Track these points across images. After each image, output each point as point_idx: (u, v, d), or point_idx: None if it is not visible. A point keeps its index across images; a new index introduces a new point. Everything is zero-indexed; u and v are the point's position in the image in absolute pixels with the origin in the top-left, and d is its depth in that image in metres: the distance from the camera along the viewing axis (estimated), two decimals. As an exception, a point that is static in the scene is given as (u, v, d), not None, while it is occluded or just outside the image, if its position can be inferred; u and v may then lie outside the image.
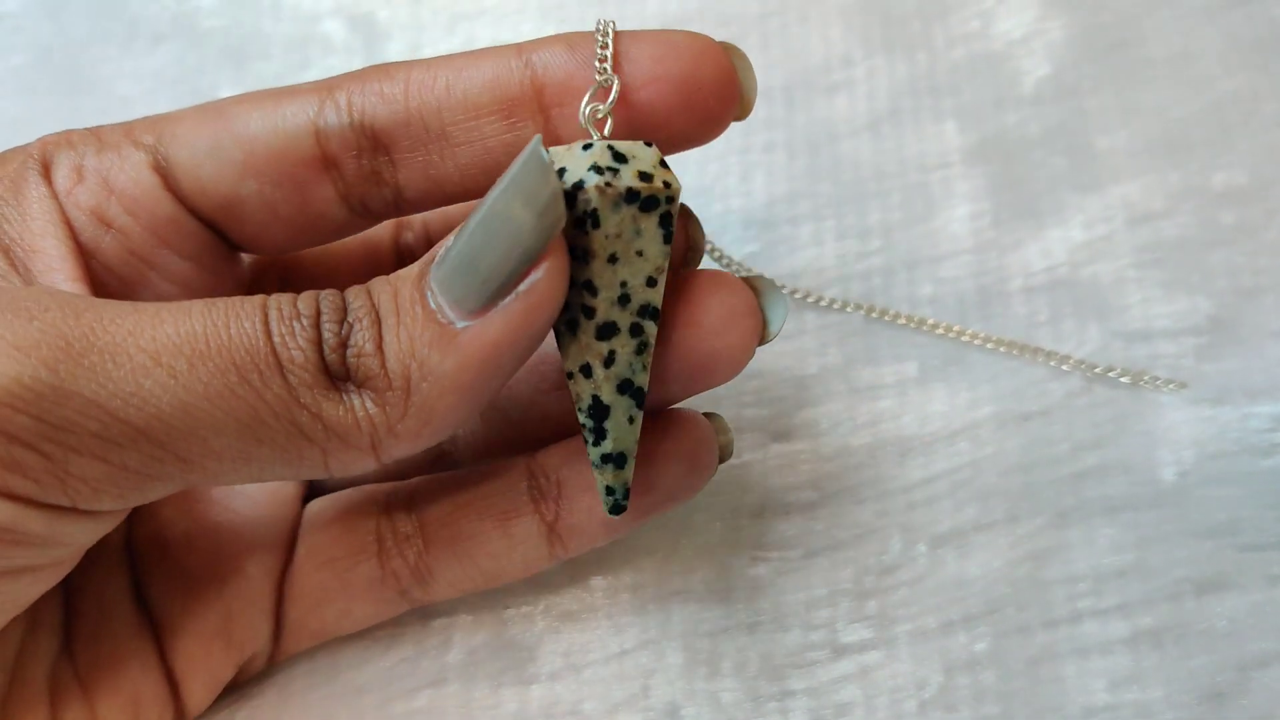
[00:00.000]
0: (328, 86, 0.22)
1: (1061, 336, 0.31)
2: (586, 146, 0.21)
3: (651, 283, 0.21)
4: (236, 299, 0.20)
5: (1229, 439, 0.29)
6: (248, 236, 0.24)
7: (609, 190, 0.20)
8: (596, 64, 0.22)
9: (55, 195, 0.22)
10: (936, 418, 0.30)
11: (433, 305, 0.19)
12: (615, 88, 0.22)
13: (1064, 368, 0.30)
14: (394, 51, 0.36)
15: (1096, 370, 0.30)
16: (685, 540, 0.28)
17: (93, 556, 0.23)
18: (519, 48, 0.22)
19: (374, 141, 0.22)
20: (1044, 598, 0.27)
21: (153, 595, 0.24)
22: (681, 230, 0.23)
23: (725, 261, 0.31)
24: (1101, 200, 0.32)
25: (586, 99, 0.22)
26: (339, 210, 0.23)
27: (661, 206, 0.21)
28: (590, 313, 0.21)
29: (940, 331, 0.31)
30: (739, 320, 0.22)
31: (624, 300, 0.21)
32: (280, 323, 0.19)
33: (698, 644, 0.27)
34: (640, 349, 0.22)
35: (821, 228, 0.32)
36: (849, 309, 0.31)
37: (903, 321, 0.31)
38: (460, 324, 0.19)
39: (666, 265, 0.22)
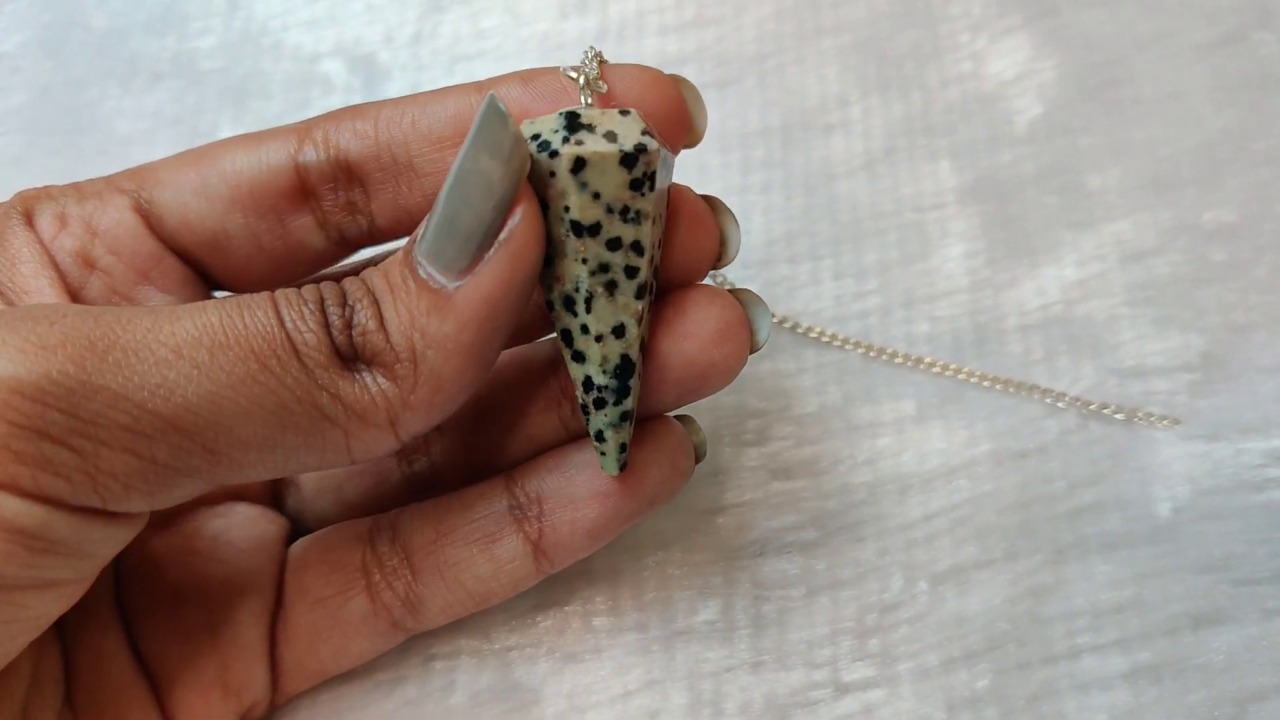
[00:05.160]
0: (305, 126, 0.24)
1: (1057, 374, 0.31)
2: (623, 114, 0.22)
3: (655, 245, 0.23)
4: (245, 295, 0.20)
5: (1223, 474, 0.29)
6: (231, 271, 0.25)
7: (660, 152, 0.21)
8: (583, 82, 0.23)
9: (40, 241, 0.23)
10: (935, 455, 0.30)
11: (423, 275, 0.20)
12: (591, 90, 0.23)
13: (1059, 405, 0.30)
14: (394, 92, 0.36)
15: (1091, 407, 0.30)
16: (687, 580, 0.28)
17: (87, 609, 0.23)
18: (478, 85, 0.23)
19: (349, 174, 0.24)
20: (1043, 634, 0.27)
21: (147, 649, 0.24)
22: (714, 224, 0.24)
23: (720, 281, 0.32)
24: (1094, 238, 0.33)
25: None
26: (318, 239, 0.24)
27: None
28: (634, 272, 0.22)
29: (937, 370, 0.31)
30: (733, 332, 0.23)
31: (651, 260, 0.22)
32: (289, 309, 0.20)
33: (701, 684, 0.27)
34: (648, 308, 0.23)
35: (819, 267, 0.33)
36: (847, 346, 0.31)
37: (900, 360, 0.31)
38: (452, 286, 0.20)
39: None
